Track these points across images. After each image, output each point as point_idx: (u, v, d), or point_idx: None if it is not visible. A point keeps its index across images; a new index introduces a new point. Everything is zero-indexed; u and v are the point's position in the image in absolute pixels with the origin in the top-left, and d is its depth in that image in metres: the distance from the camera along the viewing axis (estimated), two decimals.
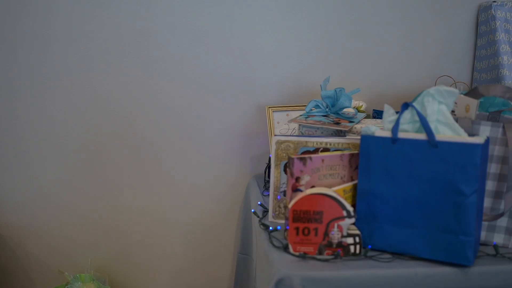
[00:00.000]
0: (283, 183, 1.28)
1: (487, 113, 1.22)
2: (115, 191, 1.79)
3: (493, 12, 1.60)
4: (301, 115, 1.45)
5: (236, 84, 1.74)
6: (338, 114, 1.46)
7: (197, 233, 1.85)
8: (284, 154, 1.27)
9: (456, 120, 1.15)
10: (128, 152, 1.76)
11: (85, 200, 1.78)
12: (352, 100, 1.60)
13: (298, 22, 1.71)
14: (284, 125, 1.65)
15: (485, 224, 1.16)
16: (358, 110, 1.64)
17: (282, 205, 1.29)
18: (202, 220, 1.83)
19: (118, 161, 1.76)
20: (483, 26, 1.67)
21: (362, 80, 1.74)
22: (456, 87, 1.66)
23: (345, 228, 1.10)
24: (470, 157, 1.02)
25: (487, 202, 1.16)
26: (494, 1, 1.61)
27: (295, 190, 1.18)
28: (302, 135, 1.39)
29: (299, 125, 1.42)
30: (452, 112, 1.23)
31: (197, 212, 1.83)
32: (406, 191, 1.09)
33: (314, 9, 1.70)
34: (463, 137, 1.04)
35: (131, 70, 1.70)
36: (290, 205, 1.10)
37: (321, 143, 1.25)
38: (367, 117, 1.65)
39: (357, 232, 1.11)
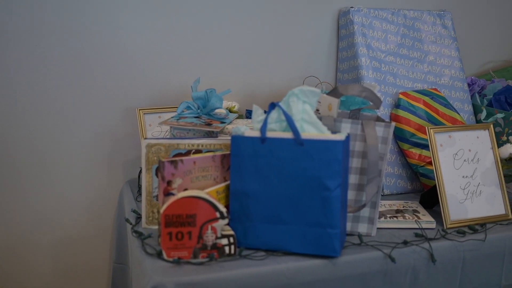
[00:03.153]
0: (156, 188, 1.25)
1: (349, 111, 1.30)
2: None
3: (351, 17, 1.71)
4: (172, 117, 1.42)
5: (105, 86, 1.65)
6: (209, 115, 1.46)
7: (67, 245, 1.72)
8: (155, 158, 1.23)
9: (320, 118, 1.20)
10: None
11: None
12: (224, 101, 1.61)
13: (169, 23, 1.68)
14: (156, 128, 1.60)
15: (350, 215, 1.24)
16: (230, 110, 1.66)
17: (155, 210, 1.26)
18: (72, 231, 1.72)
19: None
20: (343, 30, 1.77)
21: (234, 81, 1.76)
22: (322, 87, 1.74)
23: (219, 230, 1.09)
24: (333, 154, 1.08)
25: (351, 194, 1.23)
26: (352, 7, 1.73)
27: (167, 194, 1.15)
28: (174, 137, 1.37)
29: (171, 127, 1.39)
30: (317, 111, 1.29)
31: (66, 223, 1.70)
32: (276, 189, 1.12)
33: (183, 10, 1.68)
34: (326, 135, 1.10)
35: None
36: (162, 210, 1.07)
37: (193, 145, 1.24)
38: (240, 117, 1.67)
39: (231, 232, 1.11)
